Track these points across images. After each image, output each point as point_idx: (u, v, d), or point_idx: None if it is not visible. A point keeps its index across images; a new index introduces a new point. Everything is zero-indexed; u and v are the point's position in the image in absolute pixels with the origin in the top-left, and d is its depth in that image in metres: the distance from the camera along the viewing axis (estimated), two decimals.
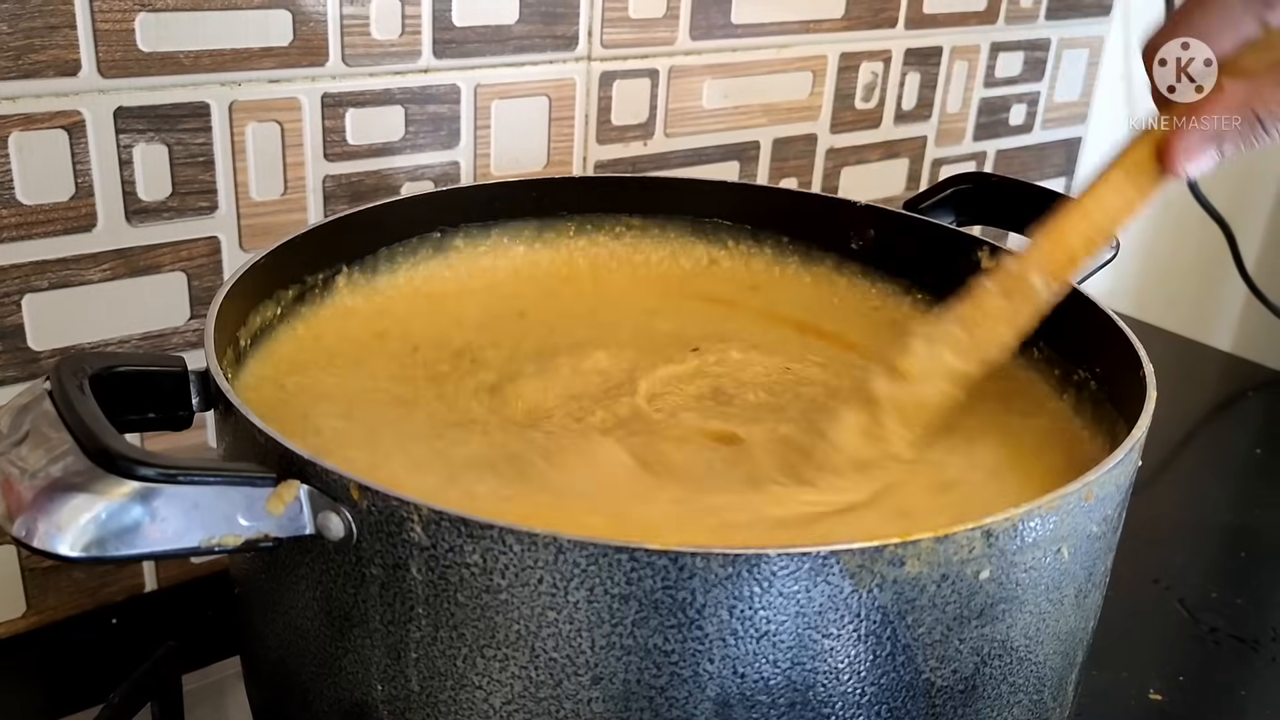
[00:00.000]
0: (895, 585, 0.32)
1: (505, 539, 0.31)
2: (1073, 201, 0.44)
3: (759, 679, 0.32)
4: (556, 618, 0.32)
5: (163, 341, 0.58)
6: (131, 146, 0.54)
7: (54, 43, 0.51)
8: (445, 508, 0.31)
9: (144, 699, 0.49)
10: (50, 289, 0.54)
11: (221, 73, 0.56)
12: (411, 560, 0.32)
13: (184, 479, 0.32)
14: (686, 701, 0.32)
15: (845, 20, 0.79)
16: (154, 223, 0.56)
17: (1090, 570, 0.38)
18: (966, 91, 0.89)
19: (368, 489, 0.32)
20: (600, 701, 0.33)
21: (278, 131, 0.59)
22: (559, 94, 0.68)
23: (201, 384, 0.39)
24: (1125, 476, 0.38)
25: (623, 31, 0.69)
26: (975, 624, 0.34)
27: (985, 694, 0.36)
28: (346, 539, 0.33)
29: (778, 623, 0.32)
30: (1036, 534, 0.34)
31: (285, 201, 0.60)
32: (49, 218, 0.53)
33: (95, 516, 0.31)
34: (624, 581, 0.31)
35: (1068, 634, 0.38)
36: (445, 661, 0.34)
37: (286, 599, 0.37)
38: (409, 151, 0.64)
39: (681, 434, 0.45)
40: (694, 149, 0.76)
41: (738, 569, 0.31)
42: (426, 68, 0.62)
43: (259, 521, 0.33)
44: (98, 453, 0.31)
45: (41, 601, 0.59)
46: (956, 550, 0.32)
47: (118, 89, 0.53)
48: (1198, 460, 0.84)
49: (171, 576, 0.62)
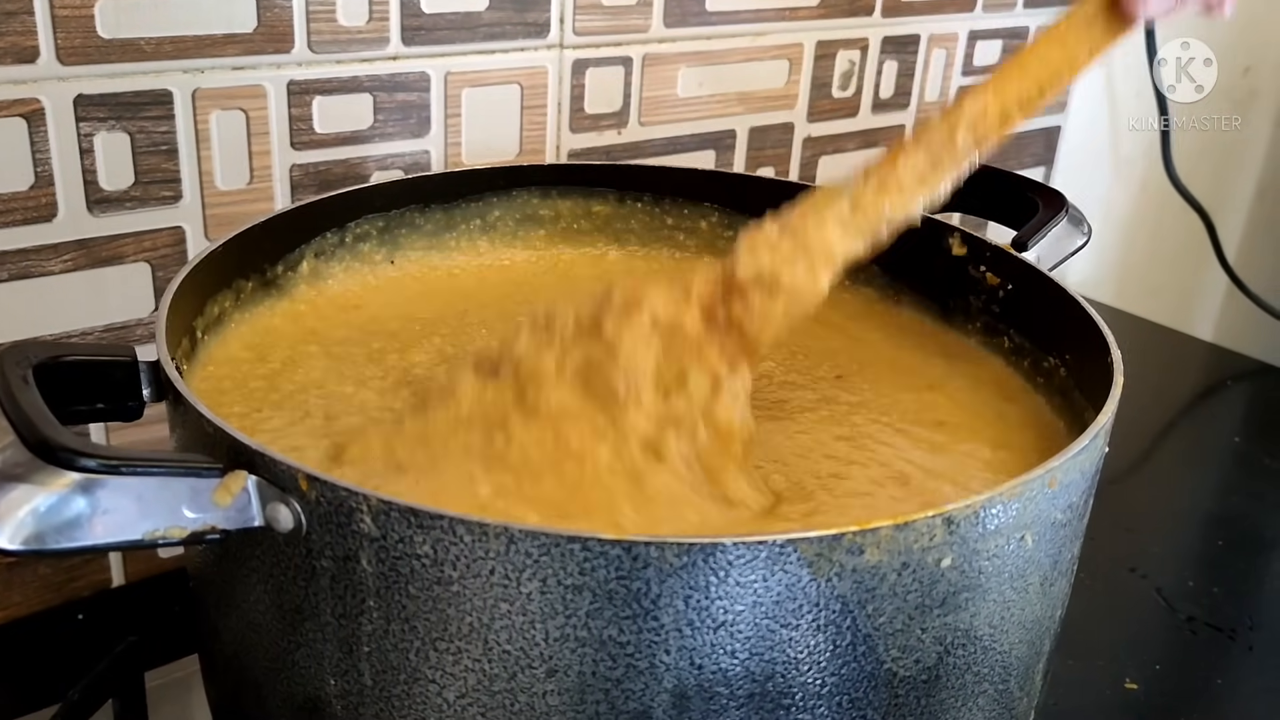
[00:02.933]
0: (854, 574, 0.32)
1: (456, 529, 0.31)
2: (1012, 56, 0.41)
3: (717, 670, 0.32)
4: (509, 609, 0.31)
5: (126, 333, 0.57)
6: (92, 135, 0.54)
7: (11, 29, 0.50)
8: (394, 498, 0.31)
9: (105, 696, 0.48)
10: (10, 280, 0.53)
11: (184, 59, 0.55)
12: (362, 552, 0.32)
13: (126, 470, 0.31)
14: (643, 694, 0.32)
15: (822, 8, 0.79)
16: (116, 212, 0.55)
17: (1056, 558, 0.37)
18: (944, 80, 0.89)
19: (316, 479, 0.32)
20: (555, 694, 0.32)
21: (243, 120, 0.58)
22: (531, 82, 0.67)
23: (153, 374, 0.38)
24: (1091, 463, 0.37)
25: (595, 19, 0.68)
26: (937, 613, 0.34)
27: (949, 684, 0.35)
28: (296, 531, 0.32)
29: (735, 613, 0.31)
30: (999, 521, 0.33)
31: (251, 191, 0.59)
32: (8, 207, 0.52)
33: (34, 509, 0.30)
34: (577, 572, 0.30)
35: (1033, 623, 0.37)
36: (398, 655, 0.33)
37: (238, 593, 0.36)
38: (378, 140, 0.63)
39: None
40: (669, 138, 0.75)
41: (693, 558, 0.30)
42: (395, 55, 0.62)
43: (205, 513, 0.32)
44: (37, 444, 0.31)
45: (6, 597, 0.58)
46: (917, 538, 0.32)
47: (78, 76, 0.52)
48: (1177, 449, 0.84)
49: (139, 571, 0.61)
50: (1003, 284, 0.51)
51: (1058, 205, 0.51)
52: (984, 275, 0.52)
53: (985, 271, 0.52)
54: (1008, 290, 0.51)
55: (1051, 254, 0.51)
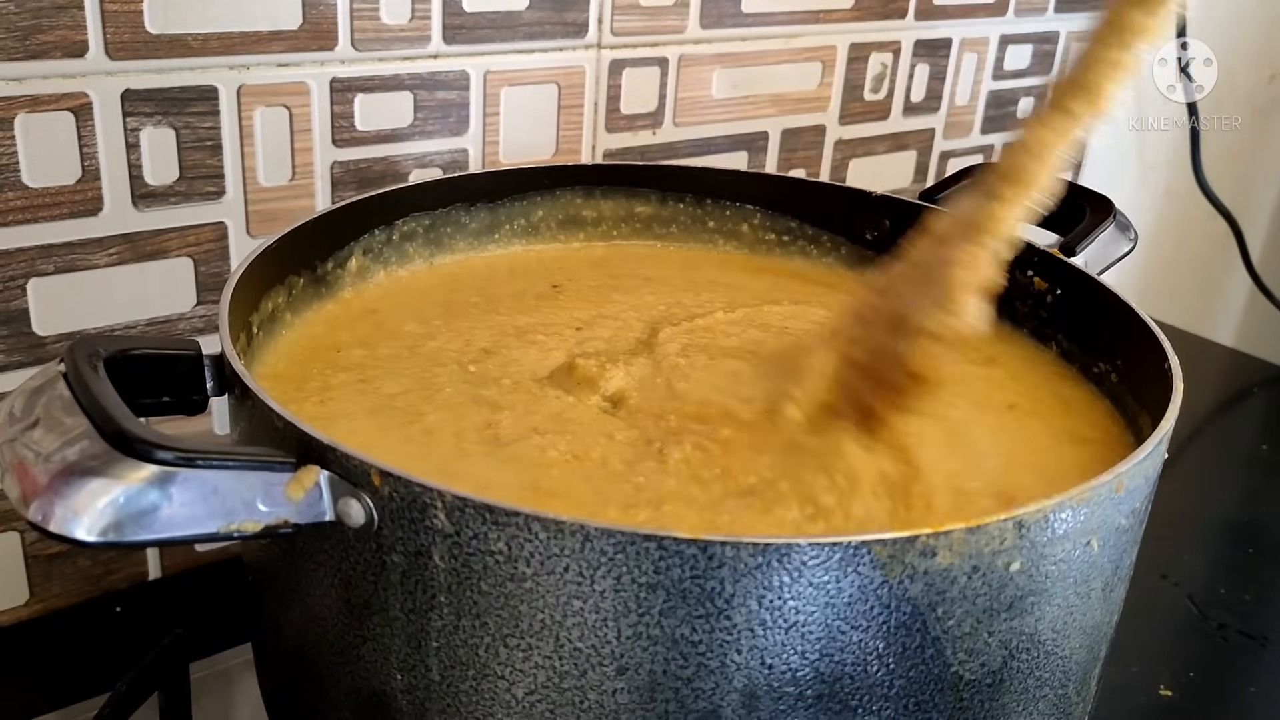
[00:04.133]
0: (926, 576, 0.32)
1: (531, 526, 0.31)
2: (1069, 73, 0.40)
3: (787, 670, 0.32)
4: (582, 607, 0.31)
5: (169, 327, 0.57)
6: (139, 130, 0.54)
7: (61, 23, 0.50)
8: (469, 494, 0.31)
9: (151, 688, 0.48)
10: (56, 273, 0.53)
11: (230, 56, 0.55)
12: (434, 547, 0.32)
13: (203, 463, 0.31)
14: (713, 693, 0.32)
15: (855, 10, 0.79)
16: (161, 207, 0.55)
17: (1117, 564, 0.37)
18: (975, 84, 0.89)
19: (390, 475, 0.32)
20: (625, 693, 0.32)
21: (286, 116, 0.58)
22: (568, 81, 0.67)
23: (216, 368, 0.38)
24: (1154, 469, 0.37)
25: (633, 19, 0.68)
26: (1004, 616, 0.34)
27: (1012, 687, 0.35)
28: (367, 526, 0.32)
29: (807, 613, 0.31)
30: (1068, 526, 0.34)
31: (293, 187, 0.59)
32: (55, 201, 0.52)
33: (113, 500, 0.30)
34: (651, 570, 0.30)
35: (1093, 628, 0.38)
36: (467, 651, 0.33)
37: (304, 586, 0.36)
38: (417, 138, 0.63)
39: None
40: (703, 139, 0.75)
41: (767, 558, 0.30)
42: (436, 53, 0.62)
43: (278, 507, 0.32)
44: (115, 435, 0.31)
45: (45, 589, 0.58)
46: (988, 541, 0.32)
47: (125, 71, 0.53)
48: (1204, 456, 0.84)
49: (176, 564, 0.61)
50: (1051, 289, 0.51)
51: (1105, 211, 0.51)
52: (1032, 280, 0.52)
53: (1033, 276, 0.52)
54: (1055, 295, 0.51)
55: (1098, 259, 0.51)
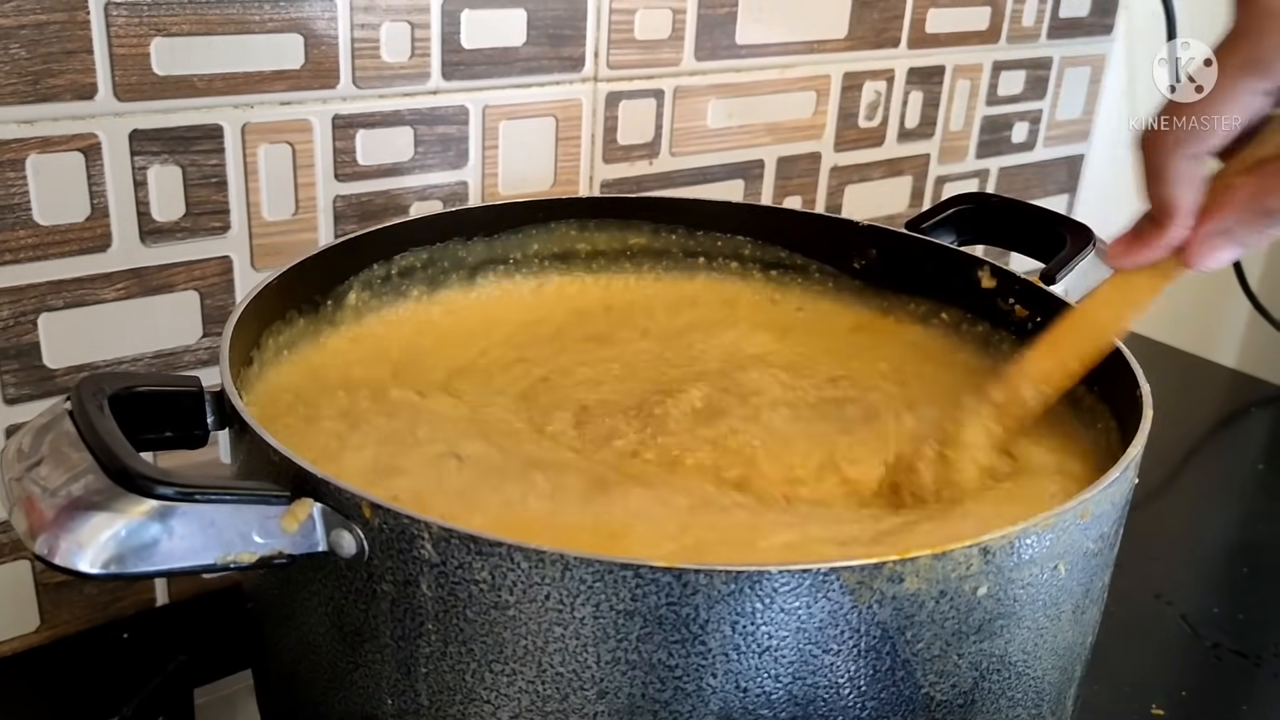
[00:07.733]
0: (894, 601, 0.33)
1: (513, 556, 0.32)
2: (1062, 315, 0.46)
3: (761, 693, 0.33)
4: (563, 633, 0.33)
5: (175, 360, 0.59)
6: (146, 168, 0.55)
7: (71, 67, 0.52)
8: (455, 525, 0.32)
9: (156, 713, 0.50)
10: (65, 308, 0.55)
11: (234, 95, 0.57)
12: (422, 577, 0.33)
13: (201, 497, 0.32)
14: (690, 715, 0.33)
15: (848, 40, 0.80)
16: (168, 243, 0.57)
17: (1088, 587, 0.38)
18: (969, 110, 0.90)
19: (380, 507, 0.33)
20: (606, 715, 0.33)
21: (289, 152, 0.60)
22: (566, 114, 0.69)
23: (216, 403, 0.40)
24: (1121, 495, 0.38)
25: (629, 53, 0.70)
26: (974, 639, 0.35)
27: (984, 708, 0.36)
28: (358, 556, 0.34)
29: (779, 638, 0.32)
30: (1033, 551, 0.35)
31: (296, 221, 0.61)
32: (65, 238, 0.54)
33: (115, 534, 0.31)
34: (629, 598, 0.32)
35: (1065, 649, 0.39)
36: (454, 676, 0.34)
37: (299, 614, 0.38)
38: (418, 172, 0.64)
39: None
40: (699, 168, 0.76)
41: (740, 585, 0.32)
42: (435, 89, 0.63)
43: (273, 539, 0.34)
44: (118, 472, 0.32)
45: (55, 616, 0.59)
46: (954, 567, 0.33)
47: (133, 112, 0.54)
48: (1200, 476, 0.85)
49: (182, 591, 0.63)
50: (1031, 316, 0.53)
51: (1085, 239, 0.52)
52: (1013, 308, 0.53)
53: (1014, 304, 0.53)
54: (1036, 323, 0.52)
55: (1079, 287, 0.52)
